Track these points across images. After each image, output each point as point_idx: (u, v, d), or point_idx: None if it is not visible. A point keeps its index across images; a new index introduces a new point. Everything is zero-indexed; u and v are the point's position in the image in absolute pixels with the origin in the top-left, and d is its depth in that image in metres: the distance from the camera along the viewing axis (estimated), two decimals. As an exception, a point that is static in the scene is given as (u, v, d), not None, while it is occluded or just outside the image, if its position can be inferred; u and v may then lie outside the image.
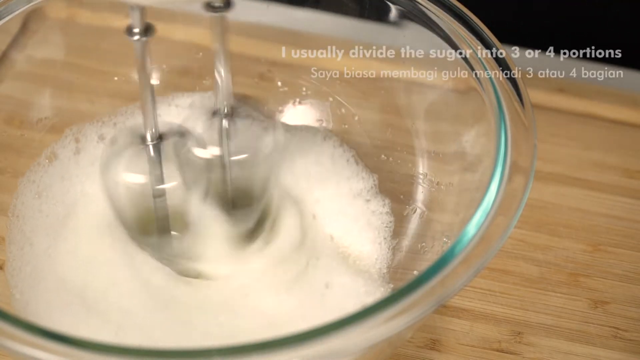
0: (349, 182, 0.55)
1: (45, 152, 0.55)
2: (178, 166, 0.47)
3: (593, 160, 0.63)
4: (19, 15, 0.52)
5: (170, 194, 0.48)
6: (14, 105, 0.57)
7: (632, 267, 0.57)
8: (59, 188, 0.54)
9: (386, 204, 0.54)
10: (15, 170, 0.54)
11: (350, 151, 0.57)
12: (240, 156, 0.48)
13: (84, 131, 0.56)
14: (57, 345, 0.36)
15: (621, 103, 0.66)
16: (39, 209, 0.53)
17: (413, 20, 0.52)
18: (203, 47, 0.61)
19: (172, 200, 0.48)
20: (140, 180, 0.47)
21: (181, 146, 0.47)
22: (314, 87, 0.59)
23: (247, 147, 0.48)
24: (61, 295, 0.49)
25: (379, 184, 0.56)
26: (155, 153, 0.46)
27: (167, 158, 0.47)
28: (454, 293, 0.39)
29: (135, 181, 0.47)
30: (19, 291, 0.49)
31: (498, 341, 0.53)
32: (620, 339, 0.54)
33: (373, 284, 0.50)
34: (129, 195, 0.47)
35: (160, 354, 0.36)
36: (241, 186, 0.50)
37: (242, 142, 0.48)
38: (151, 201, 0.48)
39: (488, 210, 0.42)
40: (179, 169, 0.47)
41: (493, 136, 0.46)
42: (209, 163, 0.48)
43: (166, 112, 0.57)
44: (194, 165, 0.48)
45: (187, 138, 0.48)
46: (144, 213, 0.48)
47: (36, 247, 0.51)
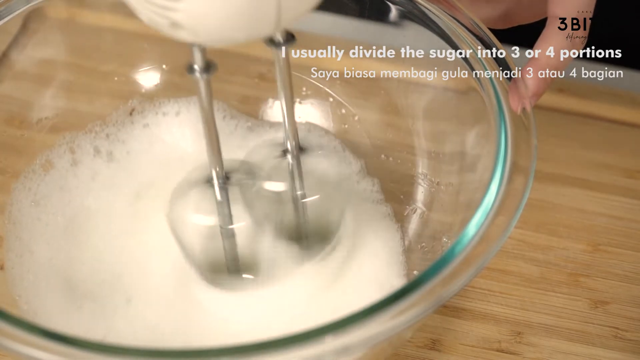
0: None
1: (40, 160, 0.55)
2: (246, 205, 0.46)
3: (593, 160, 0.63)
4: (19, 15, 0.52)
5: (240, 234, 0.47)
6: (14, 105, 0.57)
7: (632, 267, 0.57)
8: (58, 198, 0.54)
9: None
10: (15, 171, 0.54)
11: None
12: (312, 197, 0.48)
13: (77, 141, 0.56)
14: (57, 345, 0.36)
15: (621, 103, 0.66)
16: (37, 217, 0.53)
17: (413, 20, 0.52)
18: (203, 47, 0.61)
19: (242, 240, 0.47)
20: (209, 221, 0.46)
21: (250, 185, 0.47)
22: (314, 87, 0.59)
23: (318, 186, 0.48)
24: (73, 304, 0.49)
25: (379, 184, 0.56)
26: (222, 192, 0.45)
27: (234, 197, 0.46)
28: (454, 293, 0.39)
29: (204, 222, 0.46)
30: (24, 301, 0.48)
31: (498, 341, 0.53)
32: (620, 339, 0.54)
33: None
34: (198, 236, 0.47)
35: (160, 354, 0.36)
36: (313, 225, 0.49)
37: (312, 181, 0.47)
38: (220, 241, 0.47)
39: (488, 210, 0.42)
40: (248, 208, 0.46)
41: (493, 136, 0.46)
42: (279, 200, 0.47)
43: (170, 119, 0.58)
44: (264, 204, 0.47)
45: (255, 176, 0.47)
46: (214, 253, 0.47)
47: (37, 255, 0.51)
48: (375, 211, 0.54)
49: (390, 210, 0.54)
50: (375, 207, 0.54)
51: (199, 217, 0.46)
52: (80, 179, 0.55)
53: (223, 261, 0.48)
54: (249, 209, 0.47)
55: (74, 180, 0.55)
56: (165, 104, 0.59)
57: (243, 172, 0.47)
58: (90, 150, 0.56)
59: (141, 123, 0.58)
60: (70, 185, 0.54)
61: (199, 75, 0.40)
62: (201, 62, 0.40)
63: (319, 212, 0.49)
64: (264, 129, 0.58)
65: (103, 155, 0.56)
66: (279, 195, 0.47)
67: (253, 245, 0.48)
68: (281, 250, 0.48)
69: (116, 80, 0.59)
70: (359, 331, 0.37)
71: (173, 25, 0.35)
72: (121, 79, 0.59)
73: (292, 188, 0.47)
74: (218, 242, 0.47)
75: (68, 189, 0.54)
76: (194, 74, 0.40)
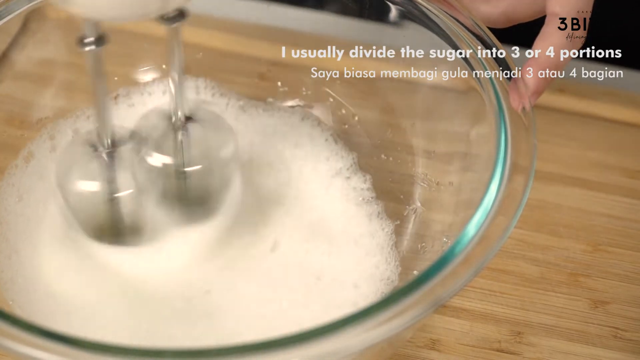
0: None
1: (22, 153, 0.54)
2: (132, 173, 0.47)
3: (593, 160, 0.63)
4: (19, 15, 0.52)
5: (125, 201, 0.48)
6: (14, 105, 0.57)
7: (632, 267, 0.57)
8: (38, 188, 0.53)
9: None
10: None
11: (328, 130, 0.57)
12: (195, 167, 0.48)
13: (58, 127, 0.56)
14: (57, 345, 0.36)
15: (621, 103, 0.67)
16: (21, 213, 0.52)
17: (413, 20, 0.52)
18: (203, 47, 0.61)
19: (127, 207, 0.48)
20: (95, 187, 0.47)
21: (136, 153, 0.47)
22: (314, 87, 0.59)
23: (203, 157, 0.48)
24: (55, 308, 0.48)
25: (379, 184, 0.56)
26: (109, 160, 0.46)
27: (121, 165, 0.47)
28: (454, 293, 0.39)
29: (90, 189, 0.47)
30: (18, 305, 0.48)
31: (498, 341, 0.53)
32: (620, 339, 0.54)
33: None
34: (85, 202, 0.47)
35: (160, 354, 0.36)
36: (197, 194, 0.50)
37: (197, 152, 0.48)
38: (107, 208, 0.47)
39: (488, 210, 0.42)
40: (134, 176, 0.47)
41: (493, 136, 0.46)
42: (164, 170, 0.48)
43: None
44: (149, 172, 0.48)
45: (142, 145, 0.48)
46: (101, 219, 0.48)
47: (22, 255, 0.50)
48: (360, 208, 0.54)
49: (380, 209, 0.54)
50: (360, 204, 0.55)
51: (85, 183, 0.47)
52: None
53: (108, 225, 0.48)
54: (133, 176, 0.47)
55: (52, 167, 0.54)
56: (150, 84, 0.58)
57: (129, 140, 0.47)
58: (69, 133, 0.56)
59: (126, 104, 0.58)
60: (49, 171, 0.53)
61: (89, 48, 0.42)
62: (93, 34, 0.41)
63: (202, 181, 0.49)
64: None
65: (61, 149, 0.55)
66: (164, 164, 0.48)
67: (137, 212, 0.48)
68: (163, 216, 0.49)
69: (116, 80, 0.59)
70: (358, 331, 0.37)
71: (64, 0, 0.37)
72: (121, 79, 0.59)
73: (178, 158, 0.48)
74: (103, 207, 0.47)
75: (47, 175, 0.54)
76: (84, 47, 0.42)
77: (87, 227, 0.49)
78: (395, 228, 0.53)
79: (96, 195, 0.47)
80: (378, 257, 0.52)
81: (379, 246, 0.52)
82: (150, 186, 0.48)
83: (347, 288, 0.50)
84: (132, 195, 0.47)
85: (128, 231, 0.49)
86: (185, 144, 0.48)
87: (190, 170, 0.48)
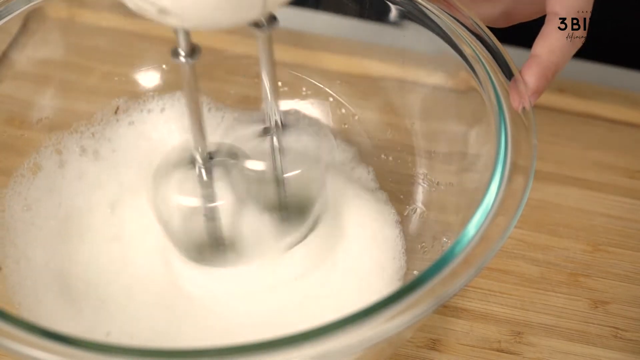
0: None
1: (28, 164, 0.54)
2: (228, 184, 0.47)
3: (593, 160, 0.63)
4: (19, 15, 0.53)
5: (223, 212, 0.47)
6: (14, 105, 0.57)
7: (632, 267, 0.57)
8: (48, 201, 0.53)
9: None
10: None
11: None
12: (293, 172, 0.48)
13: (64, 142, 0.56)
14: (57, 345, 0.36)
15: (621, 103, 0.66)
16: (31, 222, 0.52)
17: (413, 20, 0.52)
18: (203, 47, 0.61)
19: (226, 218, 0.47)
20: (192, 201, 0.46)
21: (232, 165, 0.47)
22: (314, 87, 0.59)
23: (299, 162, 0.48)
24: (73, 308, 0.48)
25: (379, 184, 0.56)
26: (207, 172, 0.46)
27: (218, 178, 0.46)
28: (454, 293, 0.39)
29: (187, 203, 0.46)
30: (25, 309, 0.48)
31: (498, 341, 0.53)
32: (620, 339, 0.54)
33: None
34: (181, 217, 0.47)
35: (160, 353, 0.36)
36: (295, 199, 0.49)
37: (293, 158, 0.48)
38: (203, 221, 0.47)
39: (488, 210, 0.42)
40: (230, 186, 0.47)
41: (493, 136, 0.46)
42: (261, 177, 0.48)
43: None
44: (247, 182, 0.47)
45: (238, 157, 0.47)
46: (198, 233, 0.48)
47: (34, 261, 0.50)
48: (371, 195, 0.54)
49: (385, 197, 0.54)
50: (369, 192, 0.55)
51: (182, 197, 0.46)
52: (68, 179, 0.55)
53: (207, 240, 0.48)
54: (231, 187, 0.47)
55: (62, 182, 0.54)
56: (149, 101, 0.59)
57: (224, 152, 0.47)
58: (76, 150, 0.56)
59: (126, 121, 0.58)
60: (59, 187, 0.54)
61: (184, 60, 0.41)
62: (186, 46, 0.40)
63: (299, 186, 0.49)
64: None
65: (89, 154, 0.56)
66: (260, 172, 0.47)
67: (236, 223, 0.48)
68: (264, 226, 0.49)
69: (116, 80, 0.59)
70: (358, 331, 0.37)
71: (160, 12, 0.36)
72: (121, 79, 0.59)
73: (273, 164, 0.48)
74: (201, 221, 0.47)
75: (58, 190, 0.54)
76: (179, 59, 0.41)
77: (187, 248, 0.48)
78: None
79: (197, 211, 0.46)
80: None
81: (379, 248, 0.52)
82: (249, 196, 0.48)
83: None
84: (232, 207, 0.47)
85: (228, 248, 0.48)
86: (281, 150, 0.48)
87: (288, 175, 0.48)
